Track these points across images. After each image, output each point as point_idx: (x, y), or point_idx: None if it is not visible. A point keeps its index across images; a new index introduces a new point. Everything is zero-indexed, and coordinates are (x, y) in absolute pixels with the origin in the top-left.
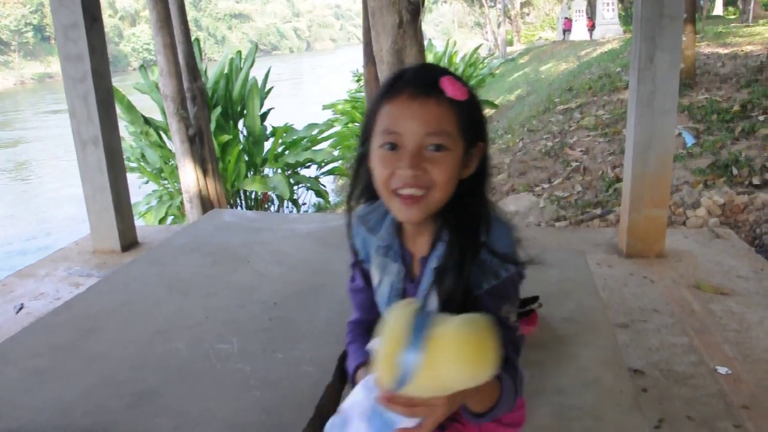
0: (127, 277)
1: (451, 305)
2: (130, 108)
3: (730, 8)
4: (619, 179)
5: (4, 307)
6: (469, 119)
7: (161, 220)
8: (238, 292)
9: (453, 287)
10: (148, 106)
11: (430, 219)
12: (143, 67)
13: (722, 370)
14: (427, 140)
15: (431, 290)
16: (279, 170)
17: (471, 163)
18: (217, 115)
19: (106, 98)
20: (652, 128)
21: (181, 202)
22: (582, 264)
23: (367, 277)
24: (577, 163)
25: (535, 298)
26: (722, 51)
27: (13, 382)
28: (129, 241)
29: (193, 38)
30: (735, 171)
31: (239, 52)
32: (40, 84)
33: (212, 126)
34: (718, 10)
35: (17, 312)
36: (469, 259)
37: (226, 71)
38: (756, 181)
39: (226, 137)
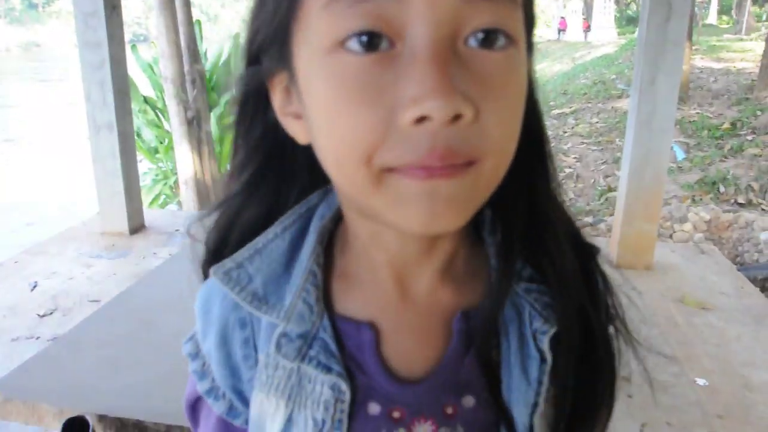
0: (172, 271)
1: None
2: (131, 86)
3: (724, 17)
4: (611, 189)
5: (19, 284)
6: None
7: (155, 199)
8: None
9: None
10: (141, 83)
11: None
12: (135, 47)
13: (701, 381)
14: (472, 17)
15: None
16: None
17: None
18: (226, 99)
19: (121, 85)
20: (649, 146)
21: (175, 182)
22: None
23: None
24: (571, 170)
25: None
26: (716, 66)
27: (90, 368)
28: (137, 225)
29: (194, 20)
30: (722, 188)
31: (238, 34)
32: (26, 52)
33: (219, 111)
34: (712, 18)
35: (32, 290)
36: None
37: (225, 56)
38: (741, 199)
39: (227, 120)
